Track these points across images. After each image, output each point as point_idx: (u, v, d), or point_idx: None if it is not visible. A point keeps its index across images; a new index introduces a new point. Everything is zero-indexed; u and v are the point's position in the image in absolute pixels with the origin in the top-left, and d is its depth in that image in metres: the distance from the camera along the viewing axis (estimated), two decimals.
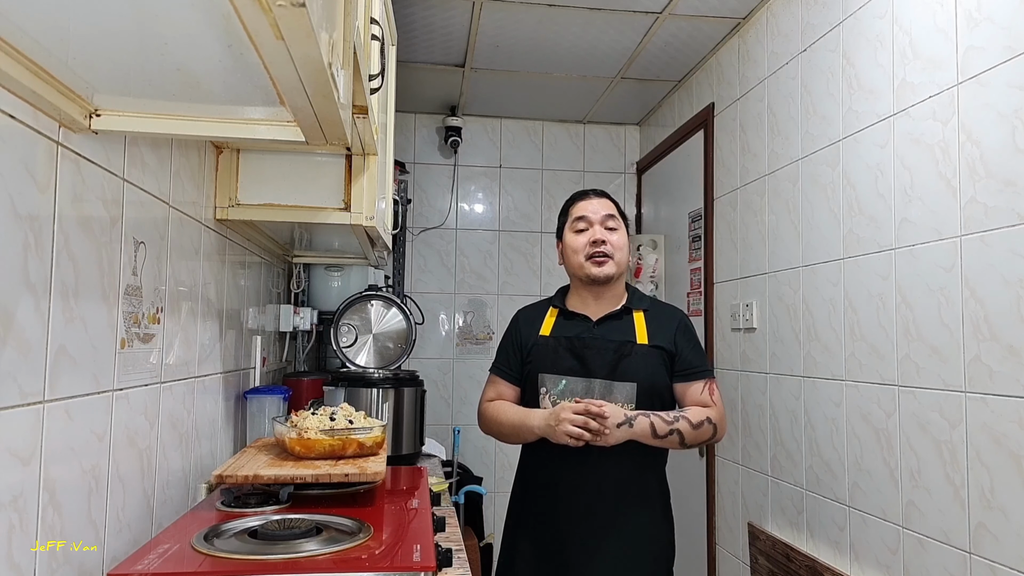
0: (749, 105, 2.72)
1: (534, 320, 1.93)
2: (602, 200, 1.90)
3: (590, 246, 1.83)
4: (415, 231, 3.90)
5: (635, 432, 1.70)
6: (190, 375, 1.50)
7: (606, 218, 1.86)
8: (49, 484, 0.92)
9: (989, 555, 1.54)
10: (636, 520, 1.80)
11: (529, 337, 1.90)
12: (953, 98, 1.68)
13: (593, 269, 1.83)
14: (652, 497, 1.84)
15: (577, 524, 1.78)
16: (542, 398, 1.83)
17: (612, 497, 1.78)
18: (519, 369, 1.91)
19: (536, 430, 1.75)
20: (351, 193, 1.65)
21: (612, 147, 4.08)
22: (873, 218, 1.96)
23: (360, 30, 1.18)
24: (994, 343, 1.54)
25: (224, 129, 1.02)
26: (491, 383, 1.96)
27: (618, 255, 1.84)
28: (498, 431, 1.87)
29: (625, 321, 1.86)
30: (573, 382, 1.80)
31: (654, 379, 1.80)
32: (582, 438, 1.66)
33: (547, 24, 2.81)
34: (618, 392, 1.78)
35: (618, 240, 1.85)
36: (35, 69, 0.82)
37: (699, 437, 1.75)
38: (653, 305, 1.92)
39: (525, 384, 1.89)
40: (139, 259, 1.20)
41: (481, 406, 1.95)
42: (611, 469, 1.78)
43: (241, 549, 1.09)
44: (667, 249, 3.56)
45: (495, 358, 1.99)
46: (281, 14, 0.65)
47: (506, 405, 1.88)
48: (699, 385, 1.83)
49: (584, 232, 1.86)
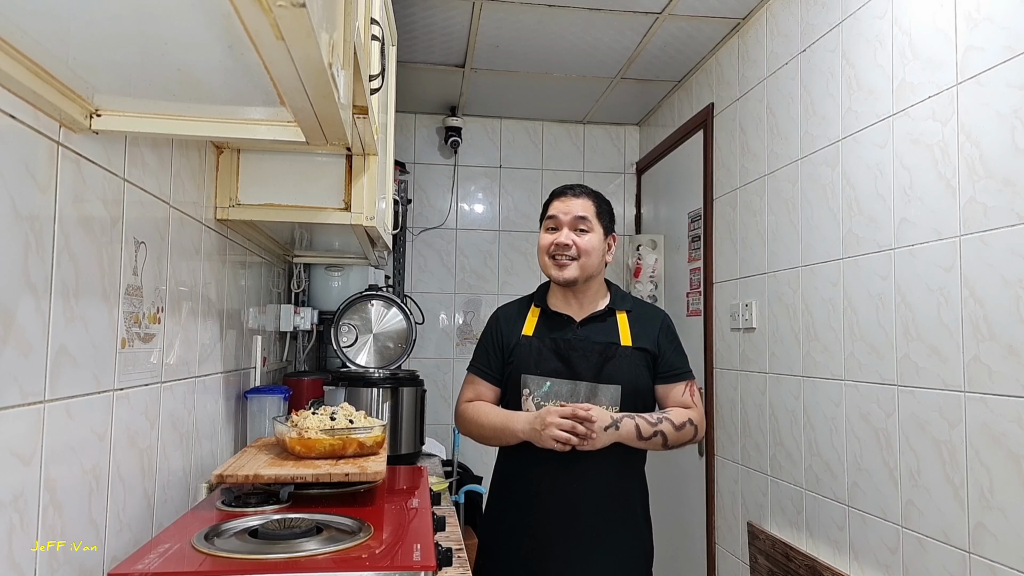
0: (749, 105, 2.72)
1: (515, 319, 1.89)
2: (580, 200, 1.84)
3: (553, 247, 1.81)
4: (415, 231, 3.90)
5: (621, 435, 1.68)
6: (191, 375, 1.50)
7: (577, 220, 1.80)
8: (49, 484, 0.92)
9: (988, 555, 1.54)
10: (621, 527, 1.78)
11: (511, 337, 1.86)
12: (952, 98, 1.68)
13: (553, 271, 1.81)
14: (634, 501, 1.83)
15: (560, 530, 1.75)
16: (524, 400, 1.79)
17: (596, 504, 1.75)
18: (500, 369, 1.87)
19: (520, 434, 1.72)
20: (351, 193, 1.65)
21: (612, 147, 4.08)
22: (872, 218, 1.96)
23: (360, 30, 1.18)
24: (993, 343, 1.54)
25: (224, 129, 1.02)
26: (469, 383, 1.91)
27: (585, 259, 1.79)
28: (478, 433, 1.83)
29: (609, 323, 1.84)
30: (558, 384, 1.77)
31: (638, 381, 1.78)
32: (569, 443, 1.64)
33: (547, 24, 2.81)
34: (603, 395, 1.76)
35: (587, 243, 1.80)
36: (35, 69, 0.83)
37: (681, 438, 1.75)
38: (636, 305, 1.90)
39: (507, 385, 1.85)
40: (140, 259, 1.20)
41: (459, 406, 1.90)
42: (594, 475, 1.75)
43: (241, 549, 1.09)
44: (667, 249, 3.56)
45: (473, 357, 1.94)
46: (281, 14, 0.65)
47: (487, 406, 1.84)
48: (680, 387, 1.82)
49: (553, 232, 1.83)
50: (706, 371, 3.02)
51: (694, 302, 3.21)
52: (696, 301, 3.18)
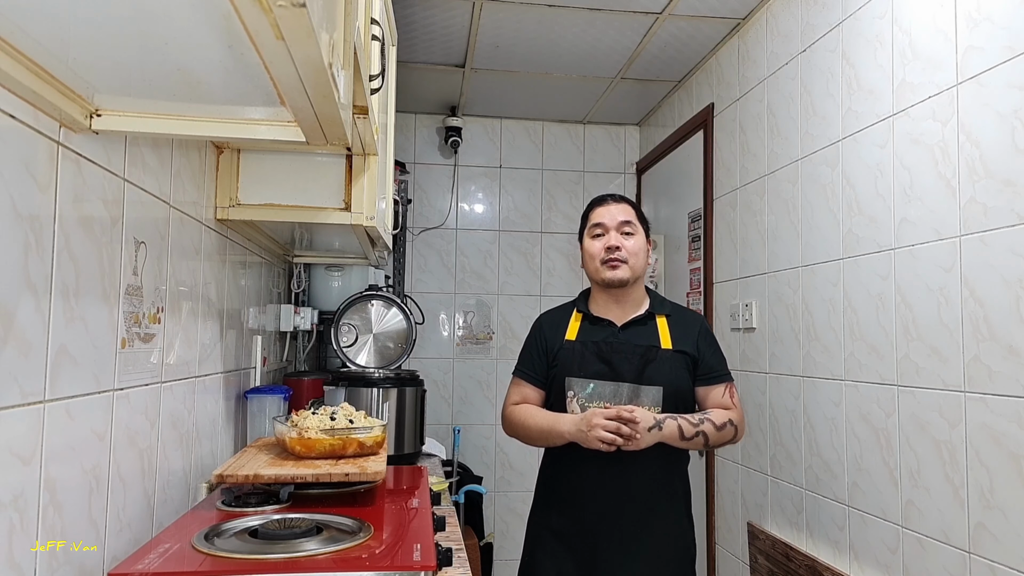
0: (749, 105, 2.72)
1: (558, 325, 1.95)
2: (620, 206, 1.92)
3: (605, 251, 1.87)
4: (415, 231, 3.90)
5: (664, 435, 1.73)
6: (191, 375, 1.50)
7: (622, 224, 1.88)
8: (49, 484, 0.92)
9: (988, 555, 1.54)
10: (664, 521, 1.82)
11: (555, 341, 1.92)
12: (953, 98, 1.68)
13: (607, 273, 1.86)
14: (678, 498, 1.87)
15: (607, 527, 1.79)
16: (569, 401, 1.84)
17: (641, 500, 1.80)
18: (544, 373, 1.92)
19: (567, 435, 1.76)
20: (351, 193, 1.65)
21: (612, 147, 4.08)
22: (872, 218, 1.96)
23: (360, 30, 1.18)
24: (993, 343, 1.54)
25: (224, 129, 1.02)
26: (515, 386, 1.96)
27: (633, 260, 1.87)
28: (525, 434, 1.88)
29: (649, 326, 1.89)
30: (601, 386, 1.82)
31: (679, 383, 1.83)
32: (614, 443, 1.68)
33: (547, 24, 2.81)
34: (645, 396, 1.80)
35: (633, 245, 1.88)
36: (35, 69, 0.83)
37: (722, 438, 1.80)
38: (675, 310, 1.95)
39: (551, 387, 1.90)
40: (140, 259, 1.20)
41: (506, 409, 1.95)
42: (639, 472, 1.79)
43: (241, 549, 1.09)
44: (667, 249, 3.56)
45: (519, 362, 1.99)
46: (281, 14, 0.65)
47: (533, 409, 1.89)
48: (720, 388, 1.87)
49: (600, 237, 1.89)
50: None
51: (694, 302, 3.21)
52: (696, 301, 3.18)
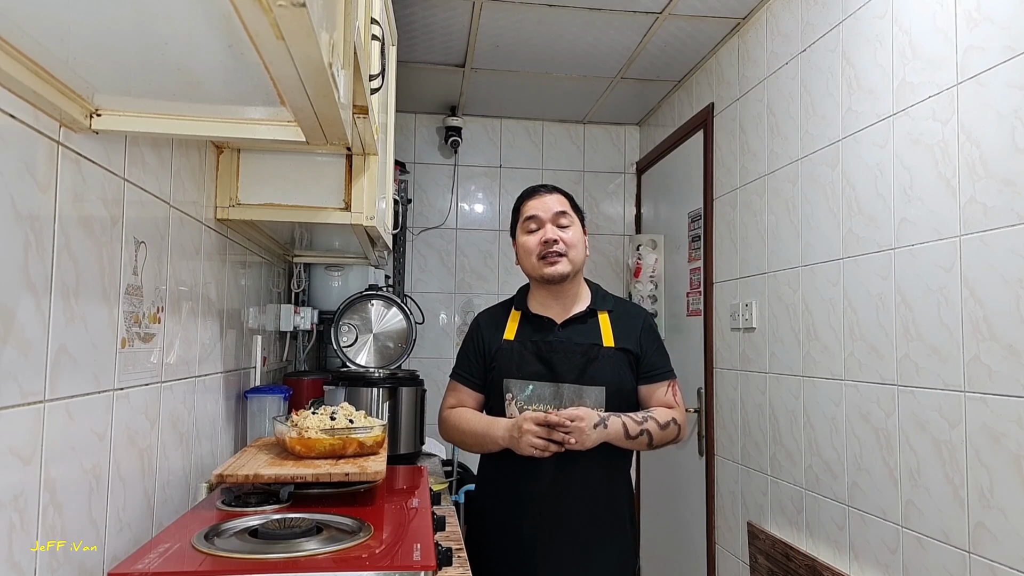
0: (749, 105, 2.72)
1: (497, 324, 1.88)
2: (554, 196, 1.84)
3: (542, 246, 1.78)
4: (415, 231, 3.90)
5: (609, 433, 1.68)
6: (191, 374, 1.50)
7: (557, 215, 1.80)
8: (49, 484, 0.92)
9: (988, 554, 1.54)
10: (608, 539, 1.77)
11: (492, 342, 1.85)
12: (953, 98, 1.68)
13: (546, 269, 1.78)
14: (620, 506, 1.81)
15: (545, 537, 1.74)
16: (508, 404, 1.78)
17: (581, 511, 1.74)
18: (481, 375, 1.85)
19: (500, 441, 1.71)
20: (351, 193, 1.65)
21: (612, 147, 4.08)
22: (872, 218, 1.96)
23: (360, 30, 1.18)
24: (993, 343, 1.54)
25: (224, 129, 1.02)
26: (452, 390, 1.90)
27: (572, 252, 1.79)
28: (460, 439, 1.82)
29: (590, 323, 1.82)
30: (540, 387, 1.76)
31: (621, 382, 1.77)
32: (548, 449, 1.63)
33: (547, 24, 2.81)
34: (587, 396, 1.74)
35: (571, 237, 1.79)
36: (35, 69, 0.83)
37: (665, 437, 1.74)
38: (617, 305, 1.89)
39: (490, 390, 1.83)
40: (140, 259, 1.20)
41: (442, 413, 1.89)
42: (579, 476, 1.74)
43: (241, 548, 1.09)
44: (667, 249, 3.56)
45: (456, 364, 1.92)
46: (281, 14, 0.65)
47: (469, 412, 1.83)
48: (663, 386, 1.81)
49: (535, 232, 1.81)
50: (706, 371, 3.02)
51: (694, 302, 3.21)
52: (696, 301, 3.18)
